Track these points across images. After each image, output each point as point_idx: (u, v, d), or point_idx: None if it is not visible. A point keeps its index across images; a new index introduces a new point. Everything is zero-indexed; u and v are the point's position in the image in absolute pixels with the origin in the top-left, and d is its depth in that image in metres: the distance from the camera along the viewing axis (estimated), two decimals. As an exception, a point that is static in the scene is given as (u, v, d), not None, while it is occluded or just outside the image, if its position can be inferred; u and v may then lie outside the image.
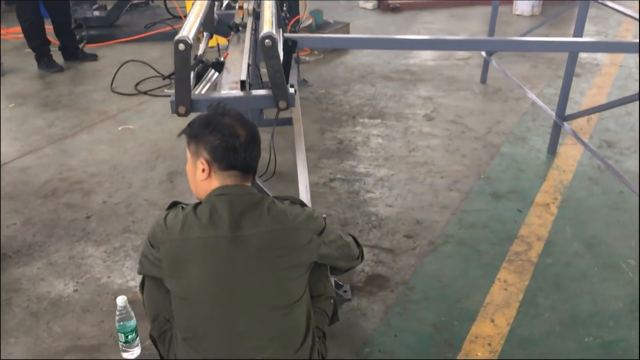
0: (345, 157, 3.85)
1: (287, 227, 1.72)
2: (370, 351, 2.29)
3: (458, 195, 3.38)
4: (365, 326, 2.42)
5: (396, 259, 2.83)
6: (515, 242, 2.95)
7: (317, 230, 1.80)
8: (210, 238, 1.67)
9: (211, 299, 1.68)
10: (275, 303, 1.70)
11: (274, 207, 1.75)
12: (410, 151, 3.92)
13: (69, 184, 3.54)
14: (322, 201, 3.33)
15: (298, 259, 1.74)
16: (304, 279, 1.78)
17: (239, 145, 1.73)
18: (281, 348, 1.70)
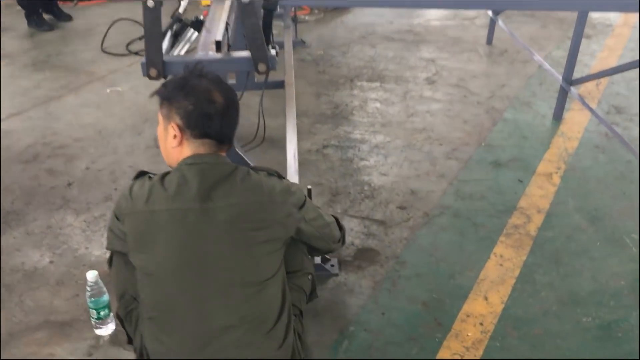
0: (340, 123, 3.69)
1: (261, 199, 1.59)
2: (355, 330, 2.18)
3: (456, 163, 3.23)
4: (351, 303, 2.30)
5: (388, 232, 2.70)
6: (514, 214, 2.80)
7: (296, 204, 1.67)
8: (177, 210, 1.54)
9: (178, 275, 1.56)
10: (246, 279, 1.57)
11: (249, 178, 1.61)
12: (408, 116, 3.75)
13: (51, 149, 3.41)
14: (313, 169, 3.19)
15: (273, 233, 1.61)
16: (279, 254, 1.65)
17: (214, 112, 1.58)
18: (253, 327, 1.58)
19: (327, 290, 2.36)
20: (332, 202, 2.90)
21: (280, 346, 1.62)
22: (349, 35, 5.17)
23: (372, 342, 2.12)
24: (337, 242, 1.96)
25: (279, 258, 1.65)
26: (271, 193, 1.61)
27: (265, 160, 3.24)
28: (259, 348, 1.58)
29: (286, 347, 1.64)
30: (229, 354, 1.56)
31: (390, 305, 2.28)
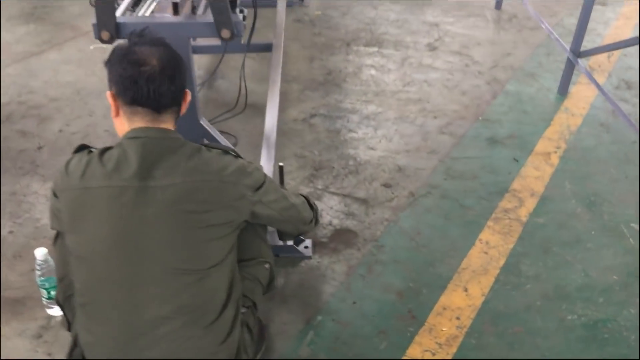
0: (331, 90, 3.49)
1: (208, 179, 1.44)
2: (323, 320, 2.04)
3: (450, 139, 3.04)
4: (322, 290, 2.16)
5: (369, 212, 2.54)
6: (505, 197, 2.62)
7: (252, 186, 1.52)
8: (114, 187, 1.40)
9: (109, 259, 1.41)
10: (186, 266, 1.42)
11: (198, 155, 1.46)
12: (404, 85, 3.54)
13: (26, 109, 3.25)
14: (297, 140, 3.01)
15: (220, 216, 1.46)
16: (227, 240, 1.50)
17: (141, 76, 1.42)
18: (192, 319, 1.43)
19: (297, 274, 2.22)
20: (314, 177, 2.74)
21: (223, 341, 1.48)
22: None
23: (339, 334, 1.98)
24: (307, 224, 1.82)
25: (227, 244, 1.50)
26: (221, 173, 1.46)
27: (247, 130, 3.07)
28: (197, 343, 1.44)
29: (230, 342, 1.50)
30: (163, 348, 1.41)
31: (363, 294, 2.14)
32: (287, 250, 2.29)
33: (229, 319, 1.50)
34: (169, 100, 1.46)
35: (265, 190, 1.57)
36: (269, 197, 1.59)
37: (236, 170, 1.49)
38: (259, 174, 1.57)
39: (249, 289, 1.65)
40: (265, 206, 1.58)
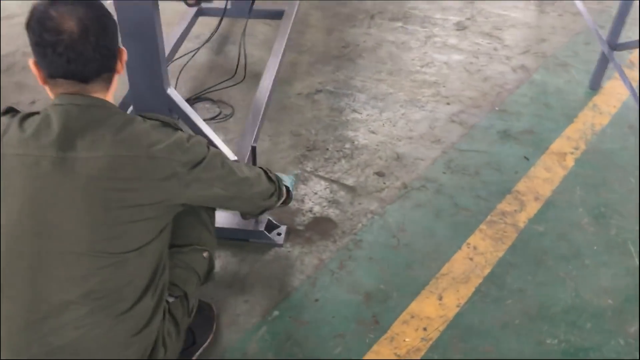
0: (344, 65, 3.30)
1: (135, 154, 1.30)
2: (280, 316, 1.91)
3: (459, 128, 2.82)
4: (286, 282, 2.03)
5: (355, 201, 2.37)
6: (506, 198, 2.41)
7: (187, 162, 1.37)
8: (29, 156, 1.27)
9: (20, 233, 1.29)
10: (101, 248, 1.29)
11: (128, 127, 1.32)
12: (422, 66, 3.32)
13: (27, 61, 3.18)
14: (296, 116, 2.85)
15: (146, 196, 1.32)
16: (154, 223, 1.36)
17: (60, 45, 1.27)
18: (102, 306, 1.30)
19: (263, 262, 2.10)
20: (304, 158, 2.59)
21: (137, 333, 1.35)
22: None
23: (294, 333, 1.86)
24: (266, 199, 1.69)
25: (153, 227, 1.36)
26: (151, 147, 1.32)
27: (246, 100, 2.93)
28: (106, 332, 1.31)
29: (146, 334, 1.37)
30: (68, 335, 1.29)
31: (328, 291, 2.00)
32: (257, 236, 2.16)
33: (147, 308, 1.37)
34: (95, 68, 1.32)
35: (206, 167, 1.42)
36: (211, 173, 1.44)
37: (170, 145, 1.35)
38: (199, 149, 1.42)
39: (181, 277, 1.53)
40: (205, 184, 1.43)
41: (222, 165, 1.48)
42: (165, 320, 1.43)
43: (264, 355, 1.79)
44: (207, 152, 1.45)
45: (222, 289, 2.00)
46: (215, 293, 1.98)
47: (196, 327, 1.78)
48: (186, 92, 3.02)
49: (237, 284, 2.01)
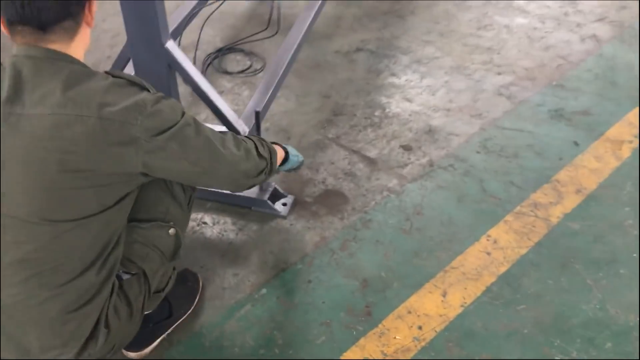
0: (392, 22, 3.05)
1: (85, 114, 1.17)
2: (267, 294, 1.80)
3: (505, 103, 2.55)
4: (281, 258, 1.91)
5: (373, 176, 2.20)
6: (543, 188, 2.17)
7: (151, 128, 1.23)
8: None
9: None
10: (40, 215, 1.20)
11: (84, 84, 1.20)
12: (479, 28, 3.02)
13: None
14: (329, 76, 2.67)
15: (93, 162, 1.19)
16: (104, 192, 1.24)
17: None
18: (34, 275, 1.22)
19: (262, 234, 1.98)
20: (328, 123, 2.42)
21: (76, 309, 1.26)
22: None
23: (277, 315, 1.74)
24: (254, 177, 1.50)
25: (102, 197, 1.24)
26: (104, 108, 1.18)
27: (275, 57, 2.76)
28: (40, 304, 1.23)
29: (86, 312, 1.27)
30: (3, 299, 1.22)
31: (324, 273, 1.86)
32: (259, 204, 2.04)
33: (90, 285, 1.27)
34: (52, 14, 1.19)
35: (174, 135, 1.26)
36: (180, 143, 1.28)
37: (129, 106, 1.21)
38: (169, 115, 1.27)
39: (139, 254, 1.41)
40: (169, 155, 1.27)
41: (196, 135, 1.33)
42: (112, 299, 1.33)
43: (242, 336, 1.69)
44: (179, 118, 1.30)
45: (215, 257, 1.90)
46: (206, 261, 1.89)
47: (175, 299, 1.70)
48: (220, 41, 2.89)
49: (230, 254, 1.91)
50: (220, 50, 2.79)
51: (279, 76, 2.17)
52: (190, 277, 1.79)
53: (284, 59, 2.24)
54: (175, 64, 1.78)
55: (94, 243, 1.27)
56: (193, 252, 1.91)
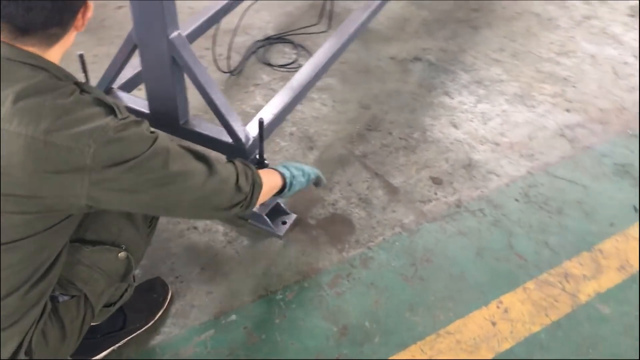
0: (462, 33, 2.77)
1: (28, 134, 1.03)
2: (235, 322, 1.66)
3: (566, 146, 2.24)
4: (261, 284, 1.75)
5: (389, 207, 1.98)
6: (581, 256, 1.88)
7: (106, 158, 1.07)
8: None
9: None
10: None
11: (42, 97, 1.05)
12: (559, 54, 2.69)
13: None
14: (376, 85, 2.45)
15: (28, 188, 1.06)
16: (38, 219, 1.11)
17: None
18: None
19: (250, 252, 1.83)
20: (359, 138, 2.21)
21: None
22: None
23: (238, 348, 1.60)
24: (224, 210, 1.33)
25: (34, 223, 1.12)
26: (53, 132, 1.03)
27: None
28: None
29: (7, 336, 1.16)
30: None
31: (303, 310, 1.69)
32: (256, 219, 1.88)
33: (14, 309, 1.15)
34: (41, 18, 1.05)
35: (134, 167, 1.10)
36: (140, 175, 1.12)
37: (85, 132, 1.05)
38: (134, 144, 1.11)
39: (81, 276, 1.29)
40: (125, 188, 1.12)
41: (162, 167, 1.15)
42: (39, 324, 1.22)
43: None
44: (146, 149, 1.12)
45: (194, 269, 1.78)
46: (183, 272, 1.76)
47: (133, 311, 1.59)
48: (272, 29, 2.72)
49: (211, 269, 1.78)
50: (268, 38, 2.63)
51: (307, 81, 1.99)
52: (159, 289, 1.67)
53: (317, 63, 2.05)
54: (179, 57, 1.63)
55: (21, 268, 1.14)
56: (173, 258, 1.80)
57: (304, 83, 1.97)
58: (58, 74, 1.11)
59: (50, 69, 1.10)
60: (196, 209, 1.29)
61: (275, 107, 1.88)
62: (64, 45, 1.15)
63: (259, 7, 2.82)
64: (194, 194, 1.24)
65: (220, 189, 1.29)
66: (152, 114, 1.82)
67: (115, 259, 1.33)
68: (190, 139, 1.83)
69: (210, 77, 1.70)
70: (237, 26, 2.44)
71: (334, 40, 2.14)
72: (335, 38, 2.15)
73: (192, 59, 1.65)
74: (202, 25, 2.21)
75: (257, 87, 2.42)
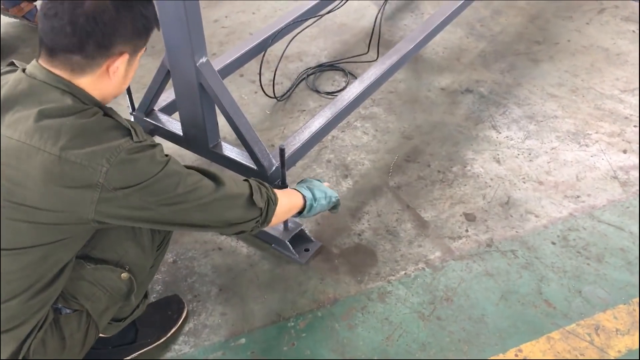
0: (521, 65, 2.69)
1: (45, 149, 1.12)
2: (244, 345, 1.68)
3: (616, 189, 2.11)
4: (275, 309, 1.76)
5: (416, 241, 1.95)
6: (617, 308, 1.76)
7: (118, 179, 1.15)
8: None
9: None
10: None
11: (64, 118, 1.15)
12: (624, 91, 2.55)
13: (205, -12, 3.21)
14: (421, 116, 2.42)
15: (40, 200, 1.15)
16: (47, 229, 1.19)
17: (47, 9, 1.15)
18: None
19: (271, 276, 1.86)
20: (396, 169, 2.19)
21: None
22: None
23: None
24: (231, 225, 1.37)
25: (40, 233, 1.20)
26: (69, 150, 1.11)
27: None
28: None
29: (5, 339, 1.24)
30: None
31: (312, 339, 1.69)
32: (279, 244, 1.91)
33: (15, 313, 1.23)
34: (64, 40, 1.15)
35: (146, 188, 1.17)
36: (151, 196, 1.19)
37: (99, 151, 1.13)
38: (146, 166, 1.18)
39: (84, 292, 1.34)
40: (134, 206, 1.19)
41: (174, 189, 1.22)
42: (39, 333, 1.29)
43: (197, 383, 1.59)
44: (157, 171, 1.19)
45: (212, 289, 1.82)
46: (201, 291, 1.81)
47: (146, 326, 1.65)
48: (325, 56, 2.76)
49: (229, 291, 1.81)
50: (320, 65, 2.67)
51: (340, 110, 2.00)
52: (174, 306, 1.72)
53: (353, 93, 2.05)
54: (206, 84, 1.69)
55: (25, 275, 1.22)
56: (194, 277, 1.85)
57: (337, 112, 1.98)
58: (84, 100, 1.19)
59: (77, 94, 1.19)
60: (209, 223, 1.33)
61: (304, 135, 1.90)
62: (99, 81, 1.21)
63: (316, 35, 2.87)
64: (204, 209, 1.29)
65: (232, 204, 1.35)
66: (185, 137, 1.89)
67: (118, 278, 1.38)
68: (219, 162, 1.89)
69: (235, 103, 1.75)
70: (283, 52, 2.49)
71: (373, 71, 2.14)
72: (375, 69, 2.15)
73: (219, 85, 1.71)
74: (253, 50, 2.28)
75: (302, 112, 2.46)
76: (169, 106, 2.01)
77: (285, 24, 2.40)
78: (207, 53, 1.68)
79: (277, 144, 2.25)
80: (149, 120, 1.93)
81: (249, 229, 1.42)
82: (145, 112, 1.94)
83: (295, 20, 2.45)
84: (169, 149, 2.18)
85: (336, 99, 2.04)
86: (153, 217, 1.24)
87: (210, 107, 1.79)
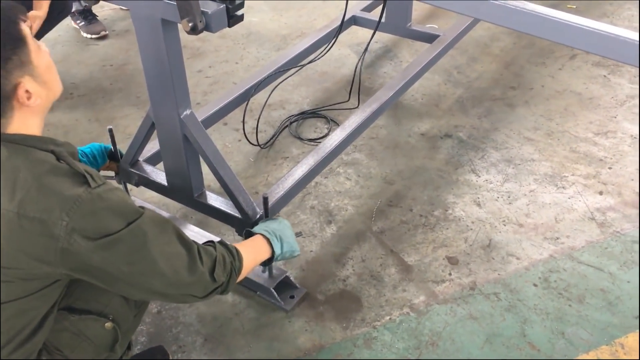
0: (497, 110, 2.77)
1: (5, 207, 1.13)
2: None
3: (594, 230, 2.16)
4: (258, 353, 1.76)
5: (400, 286, 1.96)
6: (600, 349, 1.78)
7: (79, 230, 1.14)
8: None
9: None
10: None
11: (16, 171, 1.15)
12: (597, 134, 2.62)
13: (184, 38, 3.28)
14: (401, 161, 2.47)
15: (5, 259, 1.16)
16: (20, 285, 1.19)
17: None
18: None
19: (255, 325, 1.85)
20: (379, 214, 2.22)
21: None
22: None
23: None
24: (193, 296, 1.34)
25: (13, 289, 1.20)
26: (23, 201, 1.12)
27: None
28: None
29: None
30: None
31: (298, 388, 1.68)
32: (265, 292, 1.91)
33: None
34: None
35: (108, 244, 1.16)
36: (111, 253, 1.18)
37: (58, 203, 1.13)
38: (108, 221, 1.16)
39: (67, 343, 1.34)
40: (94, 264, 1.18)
41: (137, 251, 1.21)
42: None
43: None
44: (121, 227, 1.18)
45: (197, 339, 1.81)
46: (187, 341, 1.80)
47: (129, 376, 1.62)
48: (308, 104, 2.82)
49: (214, 341, 1.80)
50: (303, 113, 2.72)
51: (322, 157, 2.04)
52: (159, 357, 1.71)
53: (334, 140, 2.10)
54: (191, 136, 1.72)
55: (5, 330, 1.22)
56: (179, 327, 1.84)
57: (320, 159, 2.02)
58: (36, 144, 1.19)
59: (27, 142, 1.18)
60: (167, 293, 1.31)
61: (288, 182, 1.93)
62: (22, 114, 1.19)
63: (298, 83, 2.93)
64: (167, 281, 1.27)
65: (195, 281, 1.32)
66: (170, 187, 1.91)
67: (102, 328, 1.37)
68: (203, 211, 1.91)
69: (219, 153, 1.78)
70: (266, 101, 2.54)
71: (354, 118, 2.20)
72: (356, 116, 2.20)
73: (203, 136, 1.74)
74: (237, 99, 2.33)
75: (285, 160, 2.49)
76: (153, 156, 2.04)
77: (268, 74, 2.47)
78: (190, 105, 1.72)
79: (261, 192, 2.27)
80: (134, 170, 1.95)
81: (206, 299, 1.40)
82: (130, 163, 1.96)
83: (278, 70, 2.52)
84: (154, 199, 2.20)
85: (319, 146, 2.09)
86: (112, 278, 1.22)
87: (195, 157, 1.81)
